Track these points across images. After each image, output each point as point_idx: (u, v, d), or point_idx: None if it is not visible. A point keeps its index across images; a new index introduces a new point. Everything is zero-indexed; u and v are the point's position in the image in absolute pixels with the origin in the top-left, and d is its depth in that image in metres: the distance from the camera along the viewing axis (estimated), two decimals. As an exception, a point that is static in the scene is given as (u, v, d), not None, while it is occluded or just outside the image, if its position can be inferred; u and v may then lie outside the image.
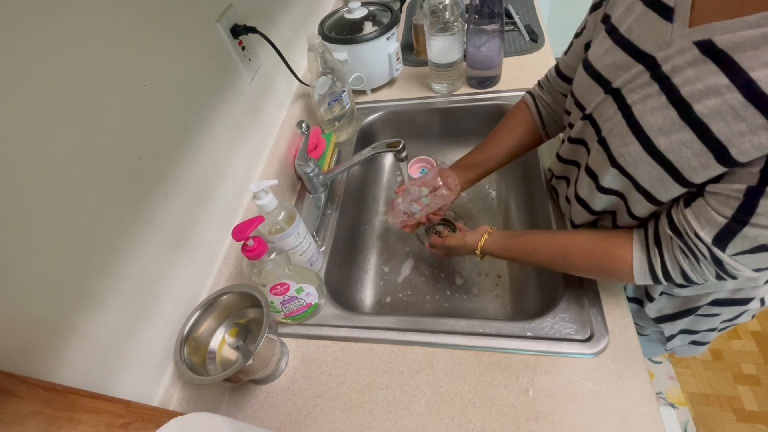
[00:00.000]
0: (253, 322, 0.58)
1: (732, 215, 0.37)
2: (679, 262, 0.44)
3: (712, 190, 0.38)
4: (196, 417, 0.35)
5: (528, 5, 1.19)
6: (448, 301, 0.79)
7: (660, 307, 0.61)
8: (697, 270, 0.43)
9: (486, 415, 0.52)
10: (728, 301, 0.57)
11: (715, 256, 0.40)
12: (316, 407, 0.56)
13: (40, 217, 0.37)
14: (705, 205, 0.39)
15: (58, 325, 0.39)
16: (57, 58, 0.38)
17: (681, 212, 0.42)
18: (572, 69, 0.57)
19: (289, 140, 0.83)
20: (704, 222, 0.39)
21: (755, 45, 0.32)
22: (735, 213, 0.37)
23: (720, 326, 0.64)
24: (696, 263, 0.43)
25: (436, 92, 0.98)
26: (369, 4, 0.96)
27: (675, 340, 0.67)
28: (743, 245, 0.38)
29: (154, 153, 0.50)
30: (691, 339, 0.67)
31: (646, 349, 0.75)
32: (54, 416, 0.33)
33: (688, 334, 0.66)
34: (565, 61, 0.60)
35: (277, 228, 0.60)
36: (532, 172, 0.81)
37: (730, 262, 0.40)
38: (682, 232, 0.42)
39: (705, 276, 0.43)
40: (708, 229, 0.39)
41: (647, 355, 0.78)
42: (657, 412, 0.49)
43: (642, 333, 0.71)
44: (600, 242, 0.52)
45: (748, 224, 0.36)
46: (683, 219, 0.41)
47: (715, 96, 0.35)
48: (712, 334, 0.66)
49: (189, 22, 0.57)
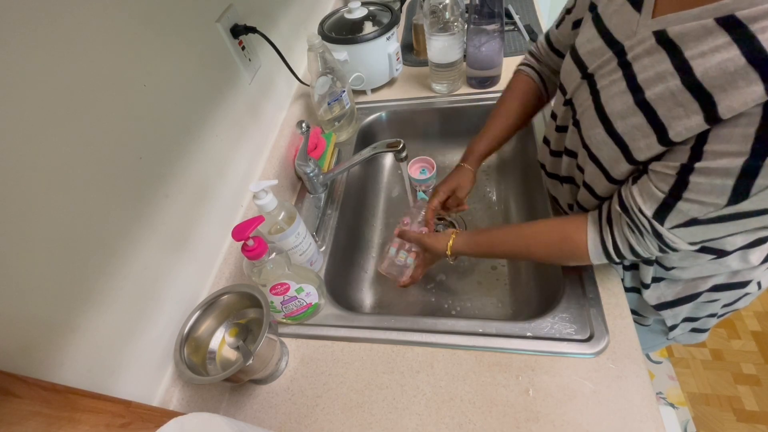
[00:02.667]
0: (253, 322, 0.58)
1: (668, 190, 0.40)
2: (626, 237, 0.47)
3: (653, 168, 0.41)
4: (196, 417, 0.35)
5: (528, 5, 1.19)
6: (448, 301, 0.79)
7: (659, 294, 0.62)
8: (642, 244, 0.46)
9: (486, 415, 0.52)
10: (727, 286, 0.58)
11: (655, 230, 0.43)
12: (316, 407, 0.56)
13: (40, 217, 0.37)
14: (648, 181, 0.42)
15: (58, 325, 0.39)
16: (57, 58, 0.38)
17: (628, 189, 0.45)
18: (561, 44, 0.61)
19: (289, 140, 0.83)
20: (646, 197, 0.42)
21: (697, 36, 0.35)
22: (671, 188, 0.39)
23: (720, 311, 0.64)
24: (641, 237, 0.45)
25: (436, 92, 0.98)
26: (369, 4, 0.96)
27: (677, 329, 0.67)
28: (678, 219, 0.41)
29: (154, 153, 0.50)
30: (692, 326, 0.67)
31: (648, 341, 0.75)
32: (54, 416, 0.33)
33: (690, 322, 0.66)
34: (555, 33, 0.62)
35: (277, 228, 0.60)
36: (532, 171, 0.81)
37: (668, 235, 0.42)
38: (628, 208, 0.45)
39: (649, 250, 0.46)
40: (649, 204, 0.42)
41: (649, 348, 0.78)
42: (657, 412, 0.49)
43: (643, 324, 0.71)
44: (558, 228, 0.55)
45: (681, 199, 0.39)
46: (630, 195, 0.44)
47: (662, 82, 0.37)
48: (712, 320, 0.66)
49: (189, 22, 0.57)
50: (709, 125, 0.35)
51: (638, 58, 0.40)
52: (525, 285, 0.76)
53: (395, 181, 1.04)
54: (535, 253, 0.57)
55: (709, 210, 0.38)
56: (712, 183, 0.36)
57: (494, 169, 1.00)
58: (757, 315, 1.39)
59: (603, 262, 0.51)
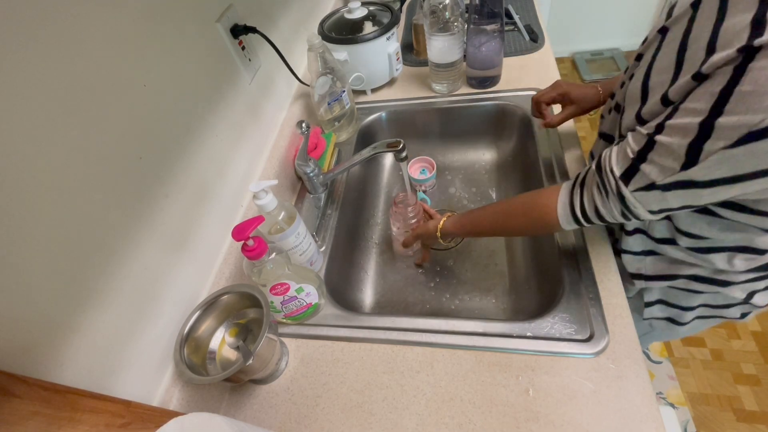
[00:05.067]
0: (253, 322, 0.58)
1: (637, 151, 0.41)
2: (593, 198, 0.48)
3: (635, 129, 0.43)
4: (196, 417, 0.34)
5: (528, 5, 1.19)
6: (448, 301, 0.79)
7: (641, 266, 0.62)
8: (606, 206, 0.47)
9: (486, 415, 0.52)
10: (707, 279, 0.57)
11: (620, 191, 0.44)
12: (316, 407, 0.56)
13: (40, 217, 0.37)
14: (625, 142, 0.44)
15: (58, 325, 0.39)
16: (57, 58, 0.38)
17: (610, 150, 0.46)
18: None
19: (289, 140, 0.83)
20: (620, 158, 0.44)
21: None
22: (640, 149, 0.41)
23: (698, 308, 0.64)
24: (606, 199, 0.46)
25: (436, 92, 0.98)
26: (369, 4, 0.96)
27: (653, 308, 0.67)
28: (641, 182, 0.42)
29: (154, 153, 0.50)
30: (667, 313, 0.67)
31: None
32: (54, 416, 0.33)
33: (665, 306, 0.66)
34: None
35: (277, 228, 0.60)
36: (533, 172, 0.81)
37: (630, 198, 0.44)
38: (602, 168, 0.46)
39: (613, 213, 0.47)
40: (620, 165, 0.44)
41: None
42: (657, 412, 0.49)
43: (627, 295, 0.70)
44: (530, 198, 0.57)
45: (646, 161, 0.40)
46: (607, 156, 0.46)
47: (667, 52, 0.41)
48: (689, 314, 0.65)
49: (189, 22, 0.57)
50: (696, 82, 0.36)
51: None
52: (525, 285, 0.76)
53: (395, 181, 1.04)
54: (514, 224, 0.59)
55: (667, 174, 0.39)
56: (671, 144, 0.38)
57: (494, 169, 1.00)
58: (757, 315, 1.39)
59: (571, 226, 0.52)
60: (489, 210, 0.63)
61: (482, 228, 0.64)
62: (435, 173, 0.95)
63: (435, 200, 0.97)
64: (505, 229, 0.62)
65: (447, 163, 1.03)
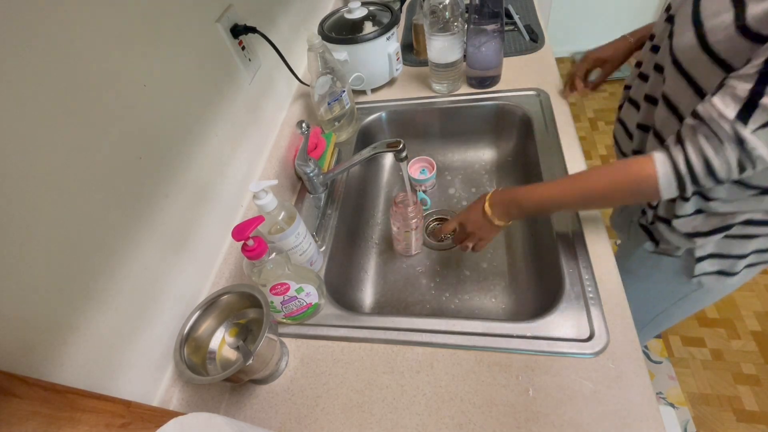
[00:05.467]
0: (253, 322, 0.58)
1: (751, 88, 0.40)
2: (702, 149, 0.45)
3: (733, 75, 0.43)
4: (196, 417, 0.34)
5: (528, 5, 1.19)
6: (448, 301, 0.79)
7: (696, 224, 0.61)
8: (720, 155, 0.45)
9: (486, 415, 0.52)
10: (763, 222, 0.58)
11: (738, 134, 0.42)
12: (316, 407, 0.56)
13: (40, 217, 0.37)
14: (729, 86, 0.43)
15: (58, 325, 0.39)
16: (57, 58, 0.38)
17: (707, 101, 0.45)
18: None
19: (289, 140, 0.83)
20: (728, 101, 0.42)
21: None
22: (754, 84, 0.40)
23: (750, 255, 0.64)
24: (720, 147, 0.44)
25: (436, 92, 0.98)
26: (369, 4, 0.96)
27: (704, 263, 0.66)
28: (762, 117, 0.41)
29: (154, 153, 0.50)
30: (719, 266, 0.66)
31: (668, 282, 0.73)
32: (54, 416, 0.33)
33: (718, 259, 0.66)
34: None
35: (277, 228, 0.60)
36: (533, 172, 0.81)
37: (751, 140, 0.42)
38: (705, 118, 0.44)
39: (729, 162, 0.45)
40: (732, 106, 0.42)
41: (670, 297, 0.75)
42: (657, 412, 0.49)
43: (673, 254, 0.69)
44: (620, 165, 0.53)
45: (764, 95, 0.40)
46: (708, 104, 0.44)
47: None
48: (741, 263, 0.65)
49: (189, 22, 0.57)
50: None
51: None
52: (525, 285, 0.76)
53: (395, 181, 1.04)
54: (595, 193, 0.55)
55: None
56: None
57: (494, 169, 1.00)
58: (757, 315, 1.39)
59: (671, 193, 0.49)
60: (559, 188, 0.58)
61: (552, 207, 0.59)
62: (435, 173, 0.95)
63: (435, 200, 0.97)
64: (583, 200, 0.57)
65: (447, 163, 1.03)
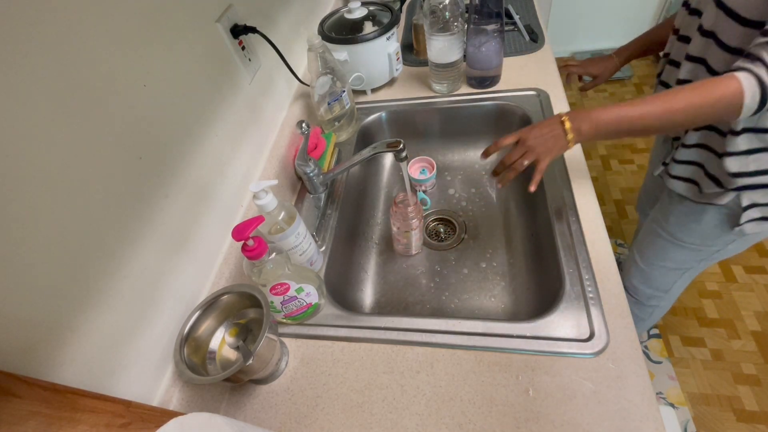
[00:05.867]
0: (253, 322, 0.58)
1: None
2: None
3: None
4: (196, 417, 0.34)
5: (528, 5, 1.19)
6: (448, 301, 0.79)
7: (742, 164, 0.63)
8: None
9: (486, 415, 0.52)
10: None
11: None
12: (316, 407, 0.56)
13: (40, 217, 0.37)
14: None
15: (58, 325, 0.39)
16: (57, 58, 0.38)
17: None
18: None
19: (289, 140, 0.83)
20: None
21: None
22: None
23: None
24: None
25: (436, 92, 0.98)
26: (369, 4, 0.96)
27: (750, 211, 0.68)
28: None
29: (154, 153, 0.50)
30: (761, 213, 0.68)
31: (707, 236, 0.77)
32: (54, 416, 0.33)
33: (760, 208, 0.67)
34: None
35: (277, 228, 0.60)
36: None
37: None
38: None
39: None
40: None
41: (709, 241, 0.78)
42: (657, 412, 0.49)
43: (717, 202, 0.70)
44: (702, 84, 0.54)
45: None
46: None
47: None
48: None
49: (189, 22, 0.57)
50: None
51: None
52: (525, 285, 0.76)
53: (395, 181, 1.04)
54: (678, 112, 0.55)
55: None
56: None
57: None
58: (757, 315, 1.39)
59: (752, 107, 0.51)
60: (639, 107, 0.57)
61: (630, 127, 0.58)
62: (435, 173, 0.95)
63: (435, 200, 0.97)
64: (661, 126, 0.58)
65: (447, 163, 1.03)
